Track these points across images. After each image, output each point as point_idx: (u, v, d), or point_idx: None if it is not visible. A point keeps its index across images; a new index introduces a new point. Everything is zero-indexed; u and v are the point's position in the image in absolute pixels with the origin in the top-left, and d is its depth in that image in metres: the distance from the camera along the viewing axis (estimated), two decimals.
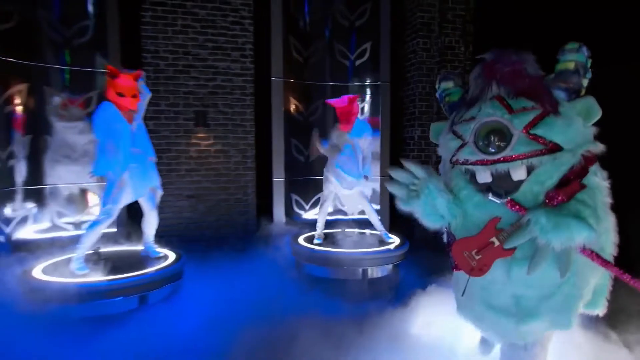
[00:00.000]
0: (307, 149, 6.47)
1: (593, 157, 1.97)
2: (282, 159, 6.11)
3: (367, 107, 6.47)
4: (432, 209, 2.09)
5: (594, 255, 1.87)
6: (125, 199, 3.90)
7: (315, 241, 4.77)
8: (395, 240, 4.73)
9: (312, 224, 5.17)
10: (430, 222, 2.14)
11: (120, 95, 3.75)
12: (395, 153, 6.32)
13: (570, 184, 1.88)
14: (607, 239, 2.06)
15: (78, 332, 3.25)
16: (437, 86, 2.46)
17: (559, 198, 1.86)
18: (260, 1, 5.79)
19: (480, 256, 2.01)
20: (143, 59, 5.37)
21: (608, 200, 2.03)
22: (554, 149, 1.87)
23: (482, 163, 1.94)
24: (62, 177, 5.19)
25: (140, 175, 3.94)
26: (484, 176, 1.98)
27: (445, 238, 2.28)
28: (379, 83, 6.25)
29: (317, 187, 5.58)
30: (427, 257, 4.81)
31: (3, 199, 4.77)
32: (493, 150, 1.90)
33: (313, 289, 4.29)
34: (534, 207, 1.88)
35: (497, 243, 1.96)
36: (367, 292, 4.25)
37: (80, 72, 5.25)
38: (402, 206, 2.13)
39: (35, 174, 5.04)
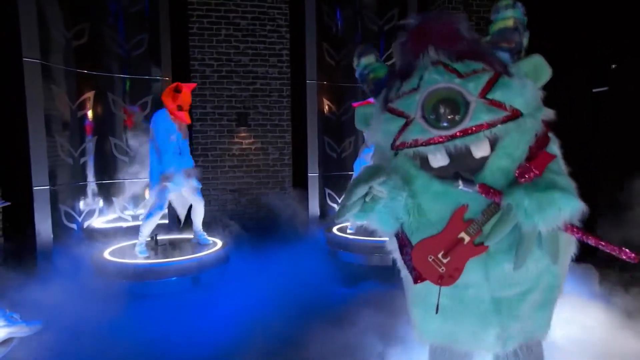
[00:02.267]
0: (340, 147, 6.65)
1: (548, 124, 1.69)
2: (316, 156, 6.28)
3: None
4: (389, 214, 1.69)
5: (585, 234, 1.50)
6: (170, 195, 4.29)
7: (349, 231, 5.01)
8: None
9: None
10: (387, 228, 1.75)
11: (180, 108, 4.05)
12: None
13: (538, 154, 1.58)
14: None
15: (139, 305, 3.68)
16: (355, 63, 1.96)
17: (533, 172, 1.54)
18: (295, 10, 6.04)
19: (449, 259, 1.59)
20: (191, 67, 5.78)
21: (564, 168, 1.71)
22: (516, 114, 1.53)
23: (436, 142, 1.53)
24: (123, 174, 5.65)
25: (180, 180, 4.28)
26: (439, 158, 1.57)
27: (396, 245, 1.76)
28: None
29: (349, 181, 5.73)
30: None
31: (76, 192, 5.27)
32: (446, 125, 1.50)
33: (345, 274, 4.54)
34: (509, 189, 1.52)
35: (467, 239, 1.56)
36: (397, 278, 4.43)
37: (138, 79, 5.72)
38: (357, 220, 1.67)
39: (103, 171, 5.55)
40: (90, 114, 5.38)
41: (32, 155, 4.49)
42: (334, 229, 5.19)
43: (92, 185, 5.46)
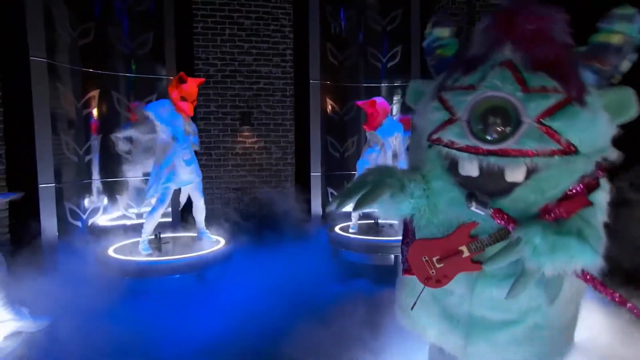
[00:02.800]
0: (342, 146, 6.69)
1: (606, 166, 1.50)
2: (319, 155, 6.35)
3: (398, 107, 6.65)
4: (392, 209, 1.63)
5: (597, 283, 1.39)
6: (172, 189, 4.33)
7: (351, 230, 5.06)
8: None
9: (347, 215, 5.44)
10: (392, 217, 1.68)
11: (183, 99, 4.10)
12: None
13: (574, 197, 1.43)
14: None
15: (142, 302, 3.73)
16: (427, 31, 1.80)
17: (558, 212, 1.41)
18: (299, 10, 6.09)
19: (442, 265, 1.56)
20: (195, 66, 5.84)
21: (604, 219, 1.53)
22: (569, 151, 1.36)
23: (471, 151, 1.42)
24: (126, 171, 5.70)
25: (184, 172, 4.30)
26: (469, 168, 1.47)
27: (401, 229, 1.78)
28: (409, 83, 6.39)
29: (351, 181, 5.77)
30: None
31: (81, 190, 5.34)
32: (491, 138, 1.38)
33: (348, 273, 4.60)
34: (525, 221, 1.39)
35: (466, 253, 1.51)
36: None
37: (143, 78, 5.78)
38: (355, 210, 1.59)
39: (107, 169, 5.62)
40: (95, 112, 5.45)
41: (37, 153, 4.55)
42: (336, 228, 5.27)
43: (96, 183, 5.53)
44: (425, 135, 1.57)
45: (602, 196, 1.49)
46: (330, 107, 6.59)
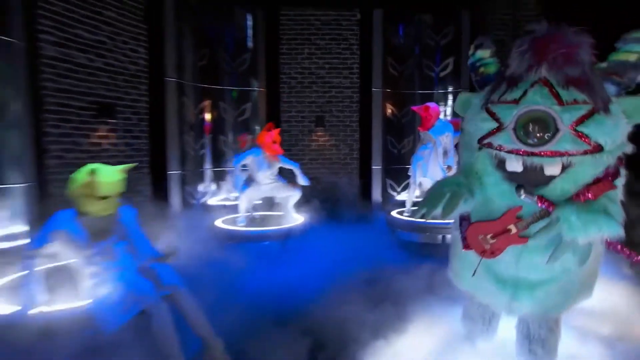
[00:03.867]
0: (400, 144, 6.87)
1: (623, 159, 1.65)
2: (380, 152, 6.57)
3: (449, 111, 6.66)
4: (464, 209, 1.77)
5: (620, 247, 1.54)
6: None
7: (405, 214, 5.32)
8: None
9: (402, 203, 5.67)
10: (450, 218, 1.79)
11: (274, 142, 4.72)
12: None
13: (601, 183, 1.56)
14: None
15: (240, 261, 3.98)
16: (471, 52, 1.92)
17: (588, 195, 1.54)
18: (365, 30, 6.42)
19: (494, 241, 1.68)
20: (280, 79, 6.46)
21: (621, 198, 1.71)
22: (597, 149, 1.50)
23: (517, 153, 1.55)
24: (229, 164, 6.40)
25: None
26: (515, 165, 1.59)
27: (458, 219, 1.88)
28: (460, 90, 6.29)
29: (406, 174, 5.74)
30: None
31: (197, 177, 6.21)
32: (532, 142, 1.50)
33: (402, 248, 4.81)
34: (562, 203, 1.53)
35: (514, 230, 1.64)
36: (444, 252, 4.53)
37: (241, 90, 6.49)
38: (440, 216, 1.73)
39: (215, 161, 6.40)
40: (207, 117, 6.28)
41: (168, 148, 5.46)
42: (393, 213, 5.47)
43: (207, 172, 6.36)
44: (475, 139, 1.69)
45: (620, 181, 1.65)
46: (390, 111, 6.79)
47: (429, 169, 5.04)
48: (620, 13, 4.58)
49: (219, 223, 4.99)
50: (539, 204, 1.55)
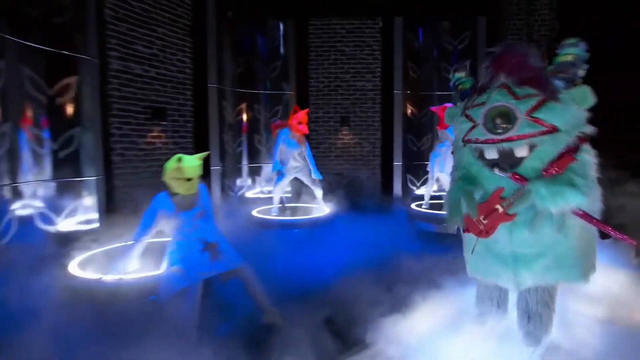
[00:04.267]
0: (419, 142, 7.10)
1: (585, 137, 1.86)
2: (400, 149, 6.83)
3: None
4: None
5: (585, 215, 1.73)
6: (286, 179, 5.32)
7: (423, 206, 5.60)
8: None
9: (421, 197, 5.91)
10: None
11: (299, 123, 5.06)
12: None
13: (563, 158, 1.77)
14: (594, 207, 1.93)
15: (275, 242, 4.38)
16: (450, 75, 2.24)
17: (555, 169, 1.75)
18: (386, 36, 6.73)
19: (487, 221, 1.87)
20: (309, 83, 6.88)
21: (595, 174, 1.88)
22: (553, 130, 1.73)
23: (490, 142, 1.79)
24: (263, 160, 6.94)
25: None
26: (491, 153, 1.83)
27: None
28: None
29: (425, 169, 5.97)
30: None
31: (235, 172, 6.71)
32: (500, 131, 1.74)
33: (420, 237, 5.02)
34: (533, 178, 1.75)
35: (501, 209, 1.84)
36: (459, 241, 4.62)
37: (274, 94, 6.96)
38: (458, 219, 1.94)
39: (251, 158, 6.89)
40: (244, 118, 6.79)
41: (210, 146, 5.97)
42: (413, 205, 5.74)
43: (244, 167, 6.86)
44: (460, 139, 1.97)
45: (587, 157, 1.83)
46: (410, 111, 7.03)
47: (446, 165, 5.27)
48: (628, 15, 4.65)
49: (254, 213, 5.37)
50: (514, 180, 1.78)
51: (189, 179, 2.71)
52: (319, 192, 5.45)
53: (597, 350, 2.07)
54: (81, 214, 4.38)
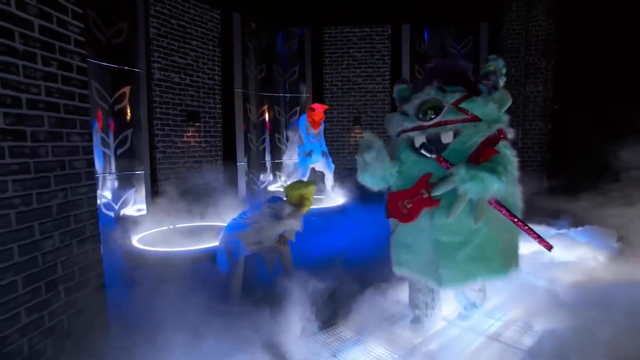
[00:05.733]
0: None
1: (505, 135, 2.02)
2: None
3: None
4: (378, 177, 2.08)
5: (499, 206, 1.77)
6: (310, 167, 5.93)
7: None
8: None
9: None
10: (375, 186, 2.15)
11: (314, 120, 5.69)
12: None
13: (488, 150, 1.87)
14: (515, 204, 2.01)
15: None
16: (395, 87, 2.38)
17: (480, 159, 1.85)
18: (395, 42, 7.14)
19: (410, 205, 1.89)
20: (324, 86, 7.37)
21: (516, 172, 2.03)
22: (475, 119, 1.91)
23: (420, 129, 1.97)
24: (284, 156, 7.45)
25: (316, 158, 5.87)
26: (420, 139, 1.98)
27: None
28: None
29: None
30: None
31: (259, 167, 7.29)
32: (427, 119, 1.93)
33: None
34: (458, 163, 1.83)
35: (425, 194, 1.88)
36: None
37: (292, 97, 7.47)
38: (360, 178, 2.14)
39: (273, 154, 7.43)
40: (266, 118, 7.35)
41: (237, 144, 6.59)
42: None
43: (267, 163, 7.42)
44: (395, 134, 2.18)
45: (505, 150, 1.99)
46: None
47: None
48: (623, 21, 4.93)
49: None
50: (439, 162, 1.90)
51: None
52: (330, 180, 5.97)
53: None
54: (133, 203, 5.13)
